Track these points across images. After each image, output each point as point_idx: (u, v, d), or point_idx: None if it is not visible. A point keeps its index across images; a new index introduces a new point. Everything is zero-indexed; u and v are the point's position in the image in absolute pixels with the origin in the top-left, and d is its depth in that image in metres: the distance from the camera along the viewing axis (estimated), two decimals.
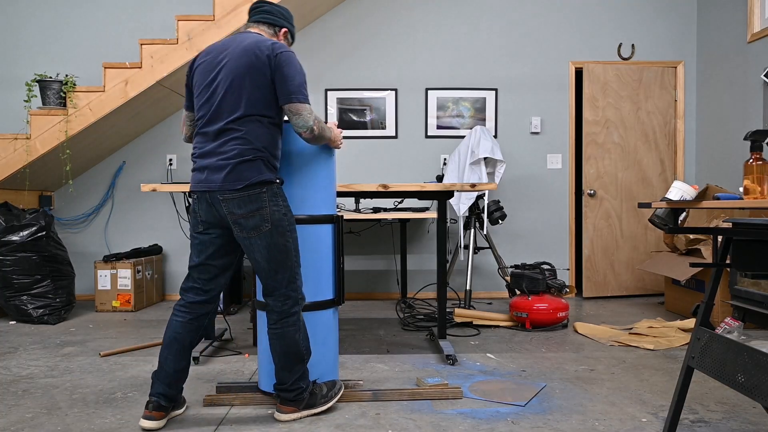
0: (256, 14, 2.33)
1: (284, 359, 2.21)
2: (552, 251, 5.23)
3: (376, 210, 4.31)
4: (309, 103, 2.19)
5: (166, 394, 2.19)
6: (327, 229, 2.43)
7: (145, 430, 2.15)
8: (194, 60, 2.30)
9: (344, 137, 5.17)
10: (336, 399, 2.34)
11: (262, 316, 2.43)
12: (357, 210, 4.30)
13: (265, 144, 2.17)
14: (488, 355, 3.20)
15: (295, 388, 2.24)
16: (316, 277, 2.41)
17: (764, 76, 4.26)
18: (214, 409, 2.38)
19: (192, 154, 2.27)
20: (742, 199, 2.02)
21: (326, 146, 2.41)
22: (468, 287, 4.55)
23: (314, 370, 2.41)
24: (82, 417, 2.29)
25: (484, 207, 4.61)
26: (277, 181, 2.20)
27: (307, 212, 2.38)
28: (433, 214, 4.32)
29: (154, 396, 2.19)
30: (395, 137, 5.20)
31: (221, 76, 2.17)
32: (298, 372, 2.24)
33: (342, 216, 2.50)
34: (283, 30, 2.36)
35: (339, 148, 2.44)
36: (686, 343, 3.38)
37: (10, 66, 5.09)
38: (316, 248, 2.40)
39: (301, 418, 2.26)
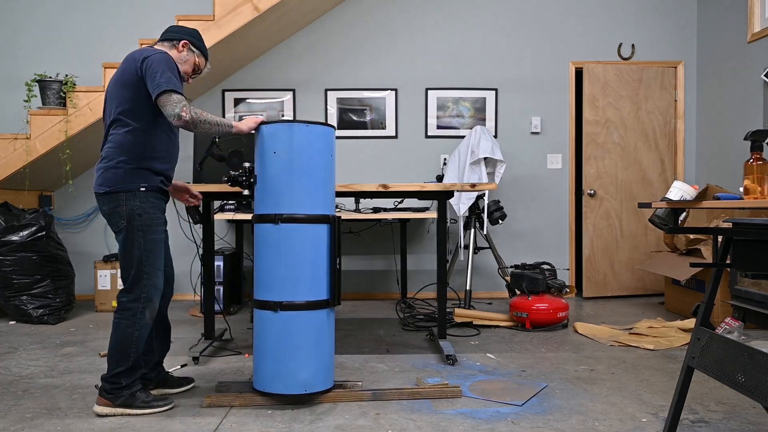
0: (161, 35, 2.51)
1: (113, 350, 2.31)
2: (552, 251, 5.23)
3: (376, 210, 4.31)
4: (178, 92, 2.25)
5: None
6: (323, 229, 2.41)
7: None
8: None
9: (344, 137, 5.18)
10: (159, 409, 2.31)
11: (258, 315, 2.43)
12: (357, 210, 4.30)
13: (131, 151, 2.31)
14: (488, 355, 3.20)
15: (114, 381, 2.29)
16: (310, 277, 2.39)
17: (764, 76, 4.26)
18: (214, 409, 2.38)
19: None
20: (742, 199, 2.02)
21: (327, 146, 2.41)
22: (468, 287, 4.55)
23: (306, 372, 2.36)
24: (82, 417, 2.29)
25: (484, 207, 4.61)
26: (142, 189, 2.31)
27: (303, 212, 2.37)
28: (433, 214, 4.32)
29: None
30: (395, 137, 5.20)
31: (107, 90, 2.39)
32: (121, 366, 2.29)
33: (339, 217, 2.49)
34: (183, 42, 2.47)
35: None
36: (686, 343, 3.38)
37: (10, 66, 5.09)
38: (310, 248, 2.38)
39: (114, 414, 2.28)
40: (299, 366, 2.36)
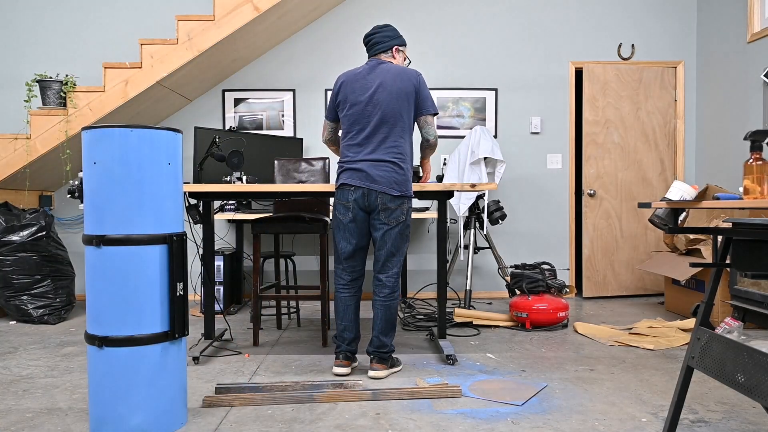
0: (371, 48, 2.80)
1: (386, 326, 2.78)
2: (552, 251, 5.23)
3: None
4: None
5: (351, 350, 2.83)
6: (154, 252, 2.11)
7: (338, 375, 2.80)
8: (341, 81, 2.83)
9: None
10: (399, 369, 2.87)
11: (88, 351, 2.18)
12: None
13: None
14: (488, 355, 3.20)
15: (389, 351, 2.78)
16: (140, 308, 2.08)
17: (764, 76, 4.26)
18: (214, 409, 2.38)
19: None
20: (742, 199, 2.02)
21: (161, 154, 2.11)
22: (468, 287, 4.55)
23: (138, 417, 2.07)
24: (82, 417, 2.29)
25: (484, 207, 4.61)
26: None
27: (127, 232, 2.06)
28: (433, 214, 4.32)
29: (341, 351, 2.81)
30: None
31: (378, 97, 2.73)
32: (393, 337, 2.81)
33: (181, 234, 2.17)
34: (394, 47, 2.80)
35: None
36: (686, 343, 3.38)
37: (10, 66, 5.10)
38: (137, 274, 2.08)
39: (387, 375, 2.76)
40: (129, 410, 2.06)
